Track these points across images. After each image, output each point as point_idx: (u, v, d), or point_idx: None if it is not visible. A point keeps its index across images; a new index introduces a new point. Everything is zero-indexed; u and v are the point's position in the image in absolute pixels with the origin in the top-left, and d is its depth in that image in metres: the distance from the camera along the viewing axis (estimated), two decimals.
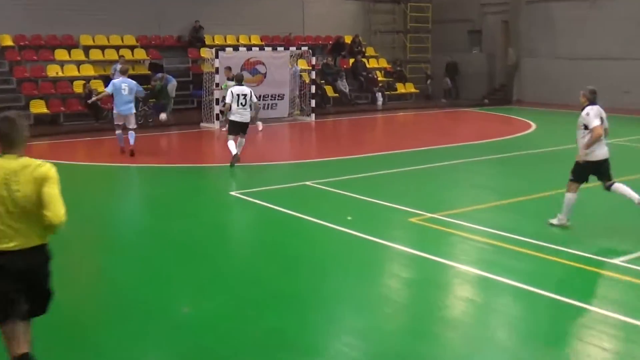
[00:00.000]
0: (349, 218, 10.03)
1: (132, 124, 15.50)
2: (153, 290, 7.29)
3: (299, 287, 7.40)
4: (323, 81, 26.80)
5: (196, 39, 25.98)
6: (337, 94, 27.38)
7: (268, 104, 23.30)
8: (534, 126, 21.62)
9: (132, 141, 15.30)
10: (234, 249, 9.25)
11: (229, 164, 13.88)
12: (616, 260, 8.08)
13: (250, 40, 27.27)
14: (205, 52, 24.14)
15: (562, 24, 28.39)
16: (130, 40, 24.83)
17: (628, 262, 8.02)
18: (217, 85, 21.05)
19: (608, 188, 9.54)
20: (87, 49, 23.78)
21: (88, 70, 23.07)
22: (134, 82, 15.57)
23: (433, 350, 5.90)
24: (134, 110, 15.63)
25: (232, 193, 11.84)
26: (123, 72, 15.76)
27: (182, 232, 9.65)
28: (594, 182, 12.88)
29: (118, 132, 15.73)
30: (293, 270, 7.99)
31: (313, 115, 23.53)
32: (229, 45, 24.80)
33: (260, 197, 11.46)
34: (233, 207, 11.42)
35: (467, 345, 6.02)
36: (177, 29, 26.21)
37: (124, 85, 15.10)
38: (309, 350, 5.86)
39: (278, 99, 23.61)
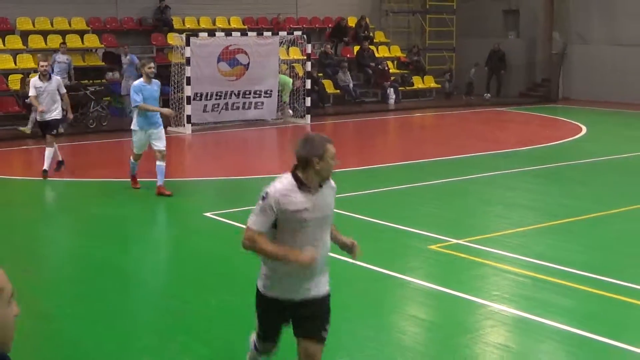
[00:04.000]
0: None
1: (162, 145, 13.10)
2: (107, 338, 7.35)
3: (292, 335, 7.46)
4: (321, 74, 26.88)
5: (162, 22, 25.93)
6: (338, 90, 27.45)
7: (251, 103, 23.36)
8: (584, 130, 21.77)
9: (161, 179, 13.04)
10: (210, 287, 9.29)
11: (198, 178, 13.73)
12: None
13: (229, 24, 27.26)
14: (173, 39, 24.16)
15: (621, 3, 28.56)
16: (79, 23, 24.89)
17: None
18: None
19: None
20: (25, 35, 23.82)
21: (27, 62, 23.11)
22: (157, 82, 13.40)
23: None
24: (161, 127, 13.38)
25: (206, 214, 11.91)
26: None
27: (143, 266, 9.72)
28: None
29: (133, 161, 13.45)
30: None
31: (308, 117, 23.63)
32: (203, 30, 24.85)
33: (239, 219, 11.47)
34: (206, 232, 11.47)
35: None
36: (138, 10, 26.20)
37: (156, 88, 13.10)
38: None
39: (265, 97, 23.57)
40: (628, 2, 28.27)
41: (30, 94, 14.71)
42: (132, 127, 13.04)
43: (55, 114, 14.57)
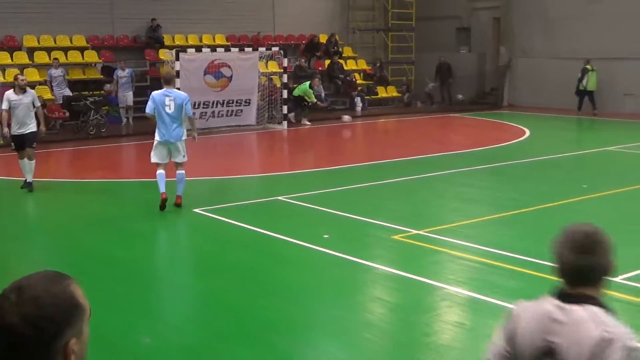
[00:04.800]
0: (326, 236, 10.11)
1: (182, 157, 11.68)
2: (112, 321, 7.29)
3: (272, 315, 7.44)
4: (296, 85, 26.84)
5: (154, 40, 25.85)
6: (315, 100, 27.41)
7: (233, 111, 23.42)
8: (528, 133, 21.90)
9: (180, 189, 11.68)
10: (199, 273, 9.27)
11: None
12: (617, 279, 8.24)
13: (214, 41, 27.19)
14: (164, 54, 24.14)
15: (559, 20, 28.77)
16: (79, 41, 24.68)
17: (629, 279, 8.19)
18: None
19: None
20: (30, 51, 23.63)
21: (33, 75, 22.88)
22: (183, 94, 11.78)
23: None
24: (184, 137, 11.75)
25: (195, 210, 11.86)
26: (167, 81, 11.87)
27: (139, 256, 9.66)
28: (599, 192, 13.14)
29: (160, 171, 11.52)
30: (265, 295, 8.04)
31: (285, 123, 23.62)
32: (191, 46, 24.76)
33: (227, 214, 11.50)
34: (197, 226, 11.43)
35: None
36: (133, 29, 26.08)
37: (167, 100, 11.33)
38: None
39: (244, 105, 23.64)
40: (564, 21, 28.54)
41: (3, 107, 13.15)
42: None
43: (32, 126, 13.20)
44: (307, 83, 24.42)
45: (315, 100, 24.47)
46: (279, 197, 12.73)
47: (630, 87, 26.53)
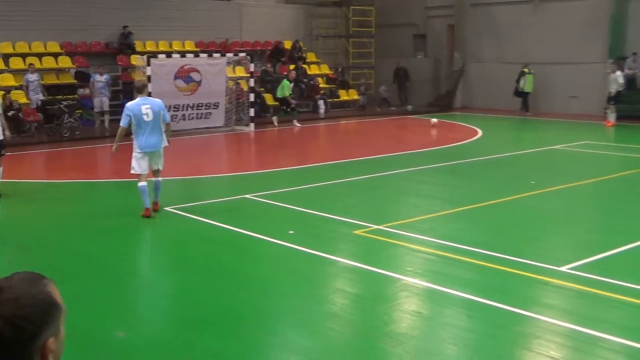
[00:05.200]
0: (291, 232, 10.09)
1: (161, 164, 10.99)
2: (83, 317, 7.17)
3: (239, 306, 7.40)
4: (262, 89, 26.81)
5: (126, 46, 25.62)
6: (277, 102, 27.35)
7: (202, 113, 23.38)
8: (480, 133, 22.11)
9: (158, 196, 11.09)
10: (171, 269, 9.18)
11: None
12: (563, 268, 8.35)
13: (184, 47, 27.04)
14: (136, 60, 23.95)
15: (506, 27, 29.17)
16: (54, 47, 24.34)
17: (574, 269, 8.31)
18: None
19: None
20: (6, 57, 23.20)
21: (8, 80, 22.53)
22: (159, 101, 11.00)
23: None
24: (164, 144, 10.94)
25: (167, 208, 11.73)
26: (140, 90, 10.98)
27: (112, 253, 9.53)
28: (546, 187, 13.31)
29: (142, 184, 10.68)
30: (233, 288, 7.99)
31: (252, 125, 23.54)
32: (162, 52, 24.58)
33: (196, 212, 11.41)
34: (167, 223, 11.30)
35: None
36: (105, 35, 25.82)
37: (145, 109, 10.49)
38: None
39: (213, 108, 23.59)
40: (511, 29, 28.95)
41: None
42: None
43: None
44: (284, 80, 24.42)
45: (291, 94, 24.38)
46: (247, 196, 12.67)
47: (575, 90, 26.95)
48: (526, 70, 27.23)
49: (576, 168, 15.80)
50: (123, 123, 10.57)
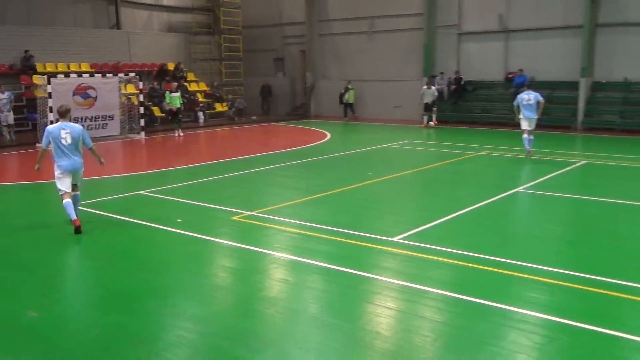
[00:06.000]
0: (179, 220, 9.86)
1: (80, 181, 9.83)
2: (1, 301, 6.68)
3: (138, 285, 7.15)
4: (150, 103, 25.97)
5: (27, 67, 24.01)
6: (163, 114, 26.62)
7: (100, 124, 22.33)
8: (329, 135, 22.54)
9: (77, 210, 9.62)
10: (77, 257, 8.70)
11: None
12: (395, 239, 8.70)
13: (80, 68, 25.67)
14: (37, 79, 22.47)
15: (347, 53, 29.96)
16: None
17: (403, 239, 8.68)
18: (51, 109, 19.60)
19: None
20: None
21: None
22: (79, 127, 9.81)
23: (257, 326, 6.00)
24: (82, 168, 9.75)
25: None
26: (62, 115, 9.72)
27: (23, 246, 8.90)
28: (380, 177, 13.76)
29: (66, 201, 9.38)
30: (131, 270, 7.70)
31: (143, 133, 22.77)
32: (60, 72, 23.21)
33: (98, 207, 10.89)
34: (62, 216, 10.68)
35: (284, 318, 6.19)
36: (9, 58, 24.09)
37: (64, 133, 9.47)
38: (151, 339, 5.70)
39: (109, 119, 22.61)
40: (349, 54, 29.68)
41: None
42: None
43: None
44: (167, 93, 23.50)
45: (168, 102, 23.36)
46: (141, 192, 12.23)
47: (399, 101, 28.12)
48: (349, 86, 28.69)
49: (402, 161, 16.45)
50: (43, 144, 9.60)
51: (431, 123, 24.73)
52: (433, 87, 24.99)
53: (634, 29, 22.55)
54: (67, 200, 9.36)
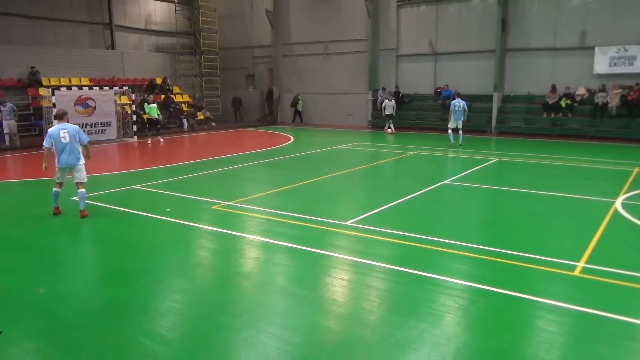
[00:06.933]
0: (168, 210, 9.68)
1: (83, 178, 9.55)
2: (14, 280, 6.42)
3: (132, 264, 7.00)
4: (142, 111, 25.37)
5: (34, 81, 23.18)
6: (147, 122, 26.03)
7: (99, 130, 21.72)
8: (292, 139, 22.47)
9: (82, 205, 9.48)
10: (79, 241, 8.45)
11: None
12: (348, 222, 8.75)
13: (80, 82, 24.91)
14: (43, 91, 21.69)
15: (307, 70, 29.89)
16: None
17: (355, 222, 8.74)
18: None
19: None
20: None
21: None
22: (75, 126, 9.52)
23: (234, 296, 5.96)
24: (82, 161, 9.52)
25: (73, 198, 10.74)
26: (59, 117, 9.48)
27: (32, 234, 8.59)
28: (335, 172, 13.74)
29: (55, 189, 9.50)
30: (126, 252, 7.53)
31: (135, 137, 22.28)
32: (63, 86, 22.51)
33: (97, 199, 10.58)
34: (74, 210, 10.35)
35: (256, 289, 6.17)
36: (17, 73, 23.18)
37: (62, 133, 9.29)
38: (145, 309, 5.60)
39: (106, 126, 22.03)
40: (309, 71, 29.63)
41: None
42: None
43: None
44: (145, 104, 22.88)
45: (147, 112, 22.48)
46: (134, 186, 11.95)
47: (350, 110, 28.23)
48: (299, 97, 29.25)
49: (352, 159, 16.54)
50: (46, 144, 9.34)
51: (389, 130, 24.52)
52: (393, 100, 25.00)
53: (535, 53, 23.27)
54: (56, 189, 9.47)
